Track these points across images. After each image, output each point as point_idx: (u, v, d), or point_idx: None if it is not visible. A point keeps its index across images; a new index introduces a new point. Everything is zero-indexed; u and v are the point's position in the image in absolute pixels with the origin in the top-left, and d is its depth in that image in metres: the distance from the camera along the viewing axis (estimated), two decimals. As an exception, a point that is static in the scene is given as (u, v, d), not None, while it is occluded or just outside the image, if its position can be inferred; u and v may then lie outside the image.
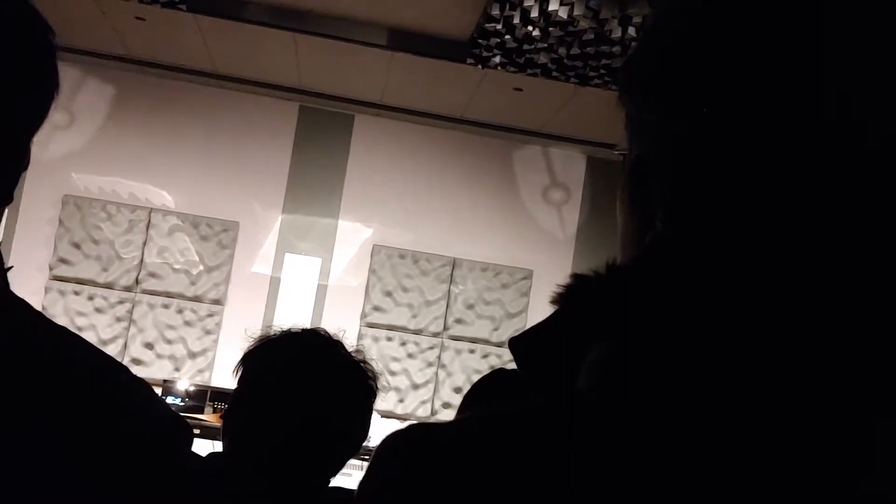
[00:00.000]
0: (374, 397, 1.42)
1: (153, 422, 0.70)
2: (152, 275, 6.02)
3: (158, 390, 5.38)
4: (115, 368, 0.71)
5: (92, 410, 0.65)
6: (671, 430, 0.45)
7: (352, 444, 1.39)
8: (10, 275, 0.69)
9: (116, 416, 0.67)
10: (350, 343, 1.46)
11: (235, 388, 1.40)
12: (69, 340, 0.70)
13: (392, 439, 0.52)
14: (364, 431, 1.41)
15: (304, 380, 1.35)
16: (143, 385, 0.73)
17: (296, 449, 1.32)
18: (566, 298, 0.54)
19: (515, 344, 0.55)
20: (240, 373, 1.40)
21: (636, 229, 0.56)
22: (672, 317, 0.48)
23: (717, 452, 0.44)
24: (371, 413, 1.43)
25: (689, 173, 0.51)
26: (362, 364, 1.42)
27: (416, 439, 0.51)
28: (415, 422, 0.53)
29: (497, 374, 2.28)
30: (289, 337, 1.42)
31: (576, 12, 3.96)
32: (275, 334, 1.42)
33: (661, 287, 0.50)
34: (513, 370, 2.30)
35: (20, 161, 0.71)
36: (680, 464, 0.44)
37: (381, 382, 1.45)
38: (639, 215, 0.55)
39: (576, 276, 0.54)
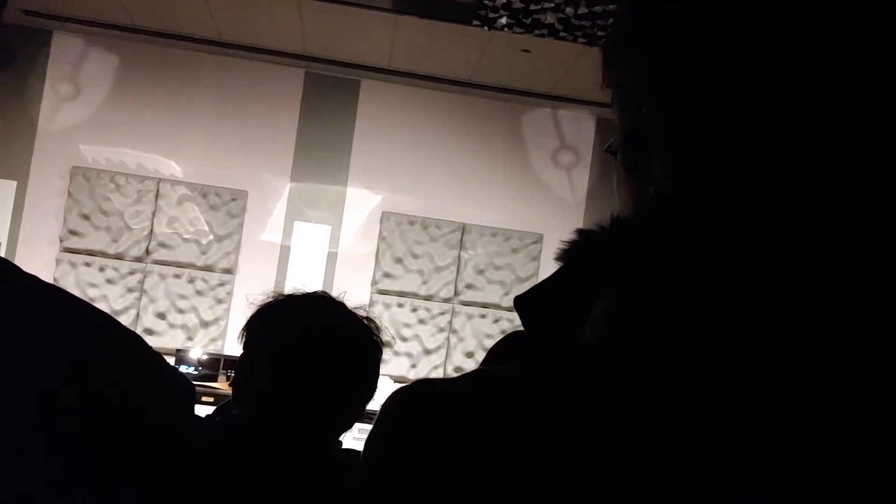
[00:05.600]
0: (381, 352, 1.43)
1: (159, 381, 0.69)
2: (162, 245, 6.04)
3: (171, 360, 5.43)
4: (111, 324, 0.68)
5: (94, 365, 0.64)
6: (674, 382, 0.44)
7: (362, 399, 1.40)
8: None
9: (121, 370, 0.65)
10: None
11: (242, 354, 1.41)
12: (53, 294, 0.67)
13: (398, 395, 0.52)
14: (373, 385, 1.42)
15: (311, 339, 1.36)
16: (148, 348, 0.71)
17: (308, 409, 1.33)
18: (571, 254, 0.54)
19: (521, 302, 0.55)
20: (244, 338, 1.41)
21: (636, 188, 0.55)
22: (676, 269, 0.47)
23: (719, 403, 0.43)
24: (379, 367, 1.44)
25: (686, 125, 0.50)
26: (365, 320, 1.42)
27: (421, 395, 0.51)
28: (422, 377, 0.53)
29: (512, 337, 2.29)
30: (291, 299, 1.43)
31: (583, -30, 3.91)
32: (277, 298, 1.43)
33: (665, 239, 0.49)
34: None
35: None
36: (681, 415, 0.43)
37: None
38: (638, 176, 0.55)
39: (580, 232, 0.54)
